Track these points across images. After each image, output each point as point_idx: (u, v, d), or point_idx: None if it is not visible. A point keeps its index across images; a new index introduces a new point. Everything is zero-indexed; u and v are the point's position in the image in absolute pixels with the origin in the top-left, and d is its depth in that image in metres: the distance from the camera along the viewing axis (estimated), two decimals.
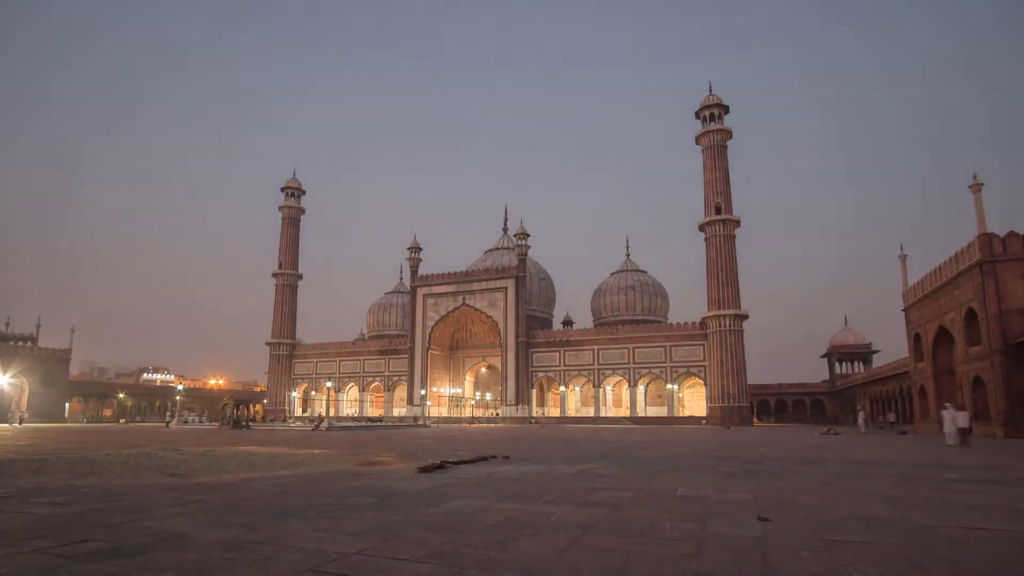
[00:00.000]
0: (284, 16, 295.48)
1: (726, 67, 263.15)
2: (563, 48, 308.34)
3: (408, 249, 79.18)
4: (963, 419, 20.80)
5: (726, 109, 67.25)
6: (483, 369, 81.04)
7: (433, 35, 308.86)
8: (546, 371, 72.19)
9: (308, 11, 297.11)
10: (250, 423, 54.96)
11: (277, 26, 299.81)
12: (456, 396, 78.27)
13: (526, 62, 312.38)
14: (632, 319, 75.68)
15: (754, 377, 68.51)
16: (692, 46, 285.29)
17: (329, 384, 76.89)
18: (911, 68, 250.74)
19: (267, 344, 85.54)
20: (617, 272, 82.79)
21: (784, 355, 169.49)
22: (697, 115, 68.49)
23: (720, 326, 63.30)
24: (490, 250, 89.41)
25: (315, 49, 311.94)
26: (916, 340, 41.40)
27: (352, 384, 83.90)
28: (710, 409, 62.91)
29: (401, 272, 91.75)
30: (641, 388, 69.81)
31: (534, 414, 70.95)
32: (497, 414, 73.82)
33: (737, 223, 65.32)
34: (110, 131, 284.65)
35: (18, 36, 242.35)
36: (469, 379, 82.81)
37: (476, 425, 57.23)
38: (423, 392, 72.23)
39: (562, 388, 71.81)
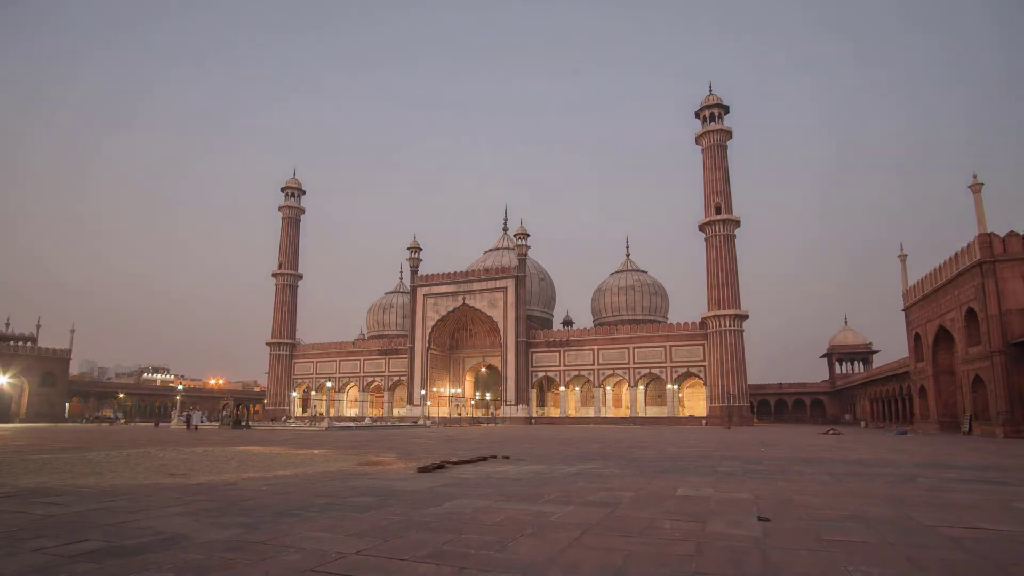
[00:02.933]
0: (283, 16, 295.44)
1: (726, 67, 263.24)
2: (564, 47, 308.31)
3: (408, 249, 79.14)
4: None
5: (726, 109, 67.26)
6: (483, 369, 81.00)
7: (432, 35, 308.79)
8: (546, 371, 72.16)
9: (308, 11, 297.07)
10: (250, 423, 54.93)
11: (277, 27, 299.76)
12: (456, 396, 78.23)
13: (526, 61, 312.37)
14: (632, 319, 75.62)
15: (754, 377, 68.58)
16: (692, 46, 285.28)
17: (329, 384, 76.97)
18: (912, 68, 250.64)
19: (267, 344, 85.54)
20: (617, 272, 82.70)
21: (784, 355, 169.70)
22: (697, 115, 68.49)
23: (720, 326, 63.29)
24: (490, 250, 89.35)
25: (316, 49, 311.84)
26: (916, 340, 41.39)
27: (352, 384, 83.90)
28: (710, 409, 62.90)
29: (401, 272, 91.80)
30: (641, 388, 69.79)
31: (534, 414, 70.94)
32: (497, 414, 73.81)
33: (737, 223, 65.32)
34: (112, 133, 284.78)
35: (21, 41, 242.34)
36: (469, 379, 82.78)
37: (476, 425, 57.22)
38: (423, 392, 72.22)
39: (562, 388, 71.77)
